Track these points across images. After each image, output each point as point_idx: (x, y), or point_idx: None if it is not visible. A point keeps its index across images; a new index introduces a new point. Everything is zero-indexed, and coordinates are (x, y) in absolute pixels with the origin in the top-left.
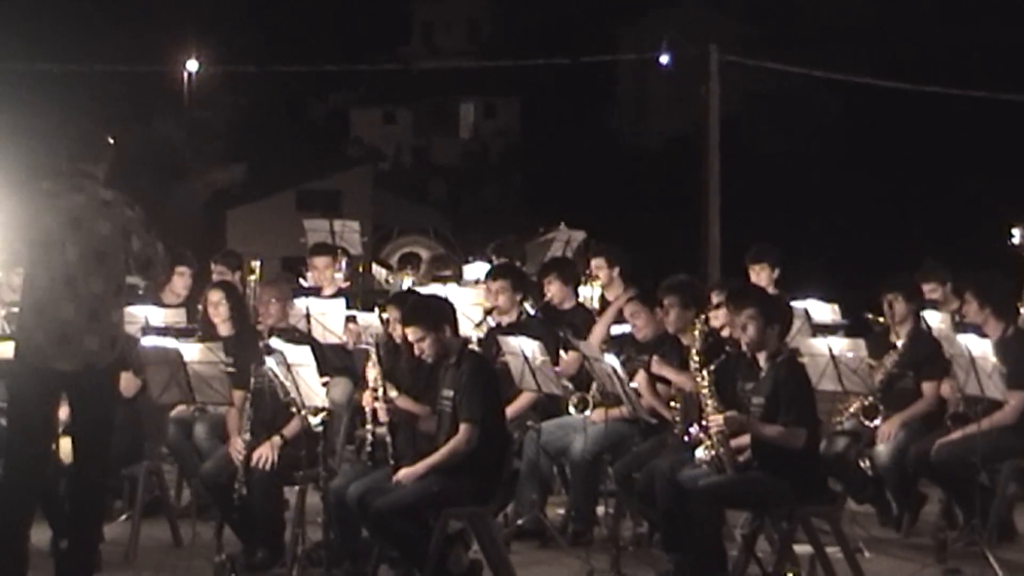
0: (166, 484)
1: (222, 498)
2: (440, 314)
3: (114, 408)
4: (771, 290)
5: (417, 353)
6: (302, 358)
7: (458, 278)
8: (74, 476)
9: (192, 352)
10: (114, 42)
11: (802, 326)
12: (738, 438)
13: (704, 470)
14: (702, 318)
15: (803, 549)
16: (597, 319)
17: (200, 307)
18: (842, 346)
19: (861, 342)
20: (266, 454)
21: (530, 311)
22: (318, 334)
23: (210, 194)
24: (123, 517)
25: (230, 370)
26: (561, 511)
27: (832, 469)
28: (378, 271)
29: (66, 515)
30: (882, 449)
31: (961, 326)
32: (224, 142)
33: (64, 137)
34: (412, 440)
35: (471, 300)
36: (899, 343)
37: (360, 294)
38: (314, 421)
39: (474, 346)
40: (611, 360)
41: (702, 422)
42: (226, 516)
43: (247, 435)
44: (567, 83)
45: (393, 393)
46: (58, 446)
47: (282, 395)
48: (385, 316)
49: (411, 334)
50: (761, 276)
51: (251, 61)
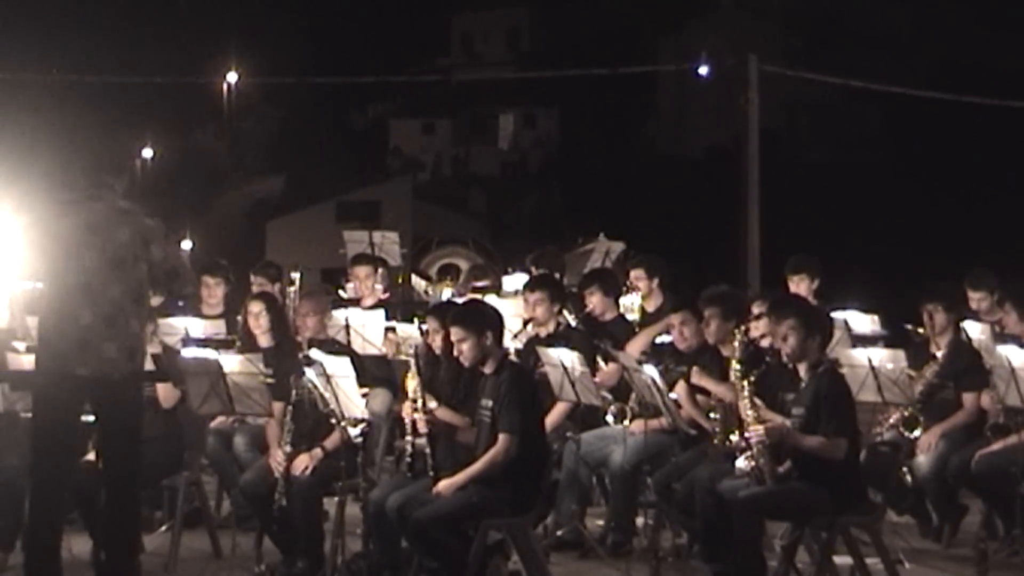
0: (206, 495)
1: (262, 509)
2: (486, 320)
3: (138, 420)
4: (811, 301)
5: (455, 354)
6: (342, 369)
7: (497, 288)
8: (106, 486)
9: (232, 363)
10: (155, 54)
11: (842, 337)
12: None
13: (744, 481)
14: (742, 329)
15: (843, 560)
16: (637, 330)
17: (240, 318)
18: (882, 357)
19: (901, 353)
20: (306, 465)
21: (570, 322)
22: (357, 345)
23: (250, 205)
24: (163, 528)
25: (270, 381)
26: (600, 522)
27: (872, 480)
28: (417, 282)
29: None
30: (922, 460)
31: (1001, 337)
32: (264, 153)
33: (82, 149)
34: (451, 451)
35: (510, 311)
36: (939, 354)
37: (399, 305)
38: (354, 432)
39: (513, 357)
40: (650, 371)
41: (742, 432)
42: (266, 527)
43: (287, 446)
44: (606, 93)
45: (432, 404)
46: (98, 456)
47: (322, 406)
48: (424, 327)
49: (453, 334)
50: (801, 287)
51: (291, 72)
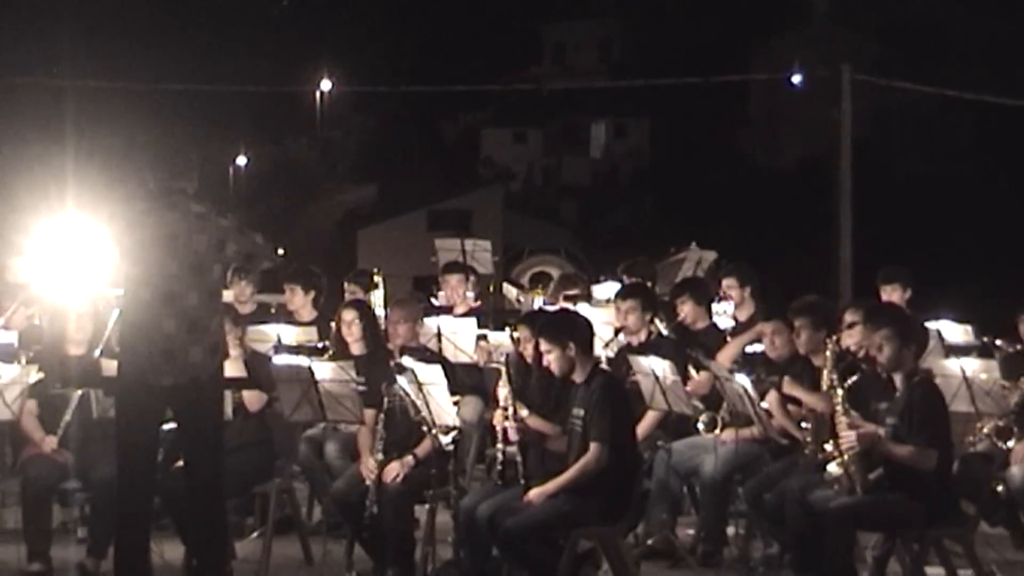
0: (297, 502)
1: (353, 516)
2: (569, 331)
3: (221, 420)
4: None
5: (545, 364)
6: (433, 377)
7: (587, 297)
8: (191, 492)
9: (324, 371)
10: (249, 63)
11: (934, 347)
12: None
13: (835, 490)
14: (833, 338)
15: (935, 572)
16: (729, 339)
17: (332, 325)
18: (975, 367)
19: (994, 363)
20: (397, 472)
21: (662, 331)
22: (449, 353)
23: (342, 214)
24: (255, 534)
25: (361, 389)
26: (691, 531)
27: (965, 491)
28: (509, 290)
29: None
30: (1016, 471)
31: None
32: (355, 162)
33: (150, 156)
34: (542, 459)
35: (601, 319)
36: None
37: (491, 313)
38: (445, 440)
39: (604, 365)
40: (742, 380)
41: (835, 442)
42: (357, 534)
43: (379, 454)
44: (698, 103)
45: (524, 412)
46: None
47: (413, 414)
48: (516, 335)
49: (541, 345)
50: (892, 297)
51: (383, 81)
